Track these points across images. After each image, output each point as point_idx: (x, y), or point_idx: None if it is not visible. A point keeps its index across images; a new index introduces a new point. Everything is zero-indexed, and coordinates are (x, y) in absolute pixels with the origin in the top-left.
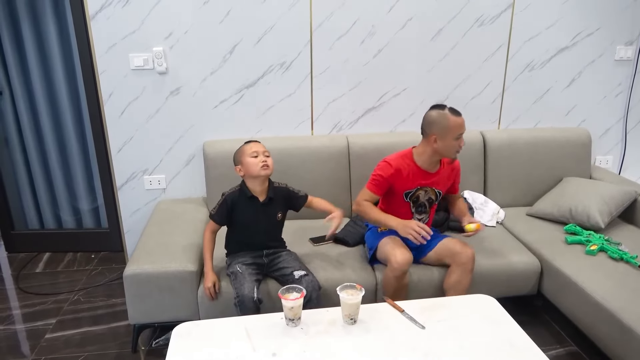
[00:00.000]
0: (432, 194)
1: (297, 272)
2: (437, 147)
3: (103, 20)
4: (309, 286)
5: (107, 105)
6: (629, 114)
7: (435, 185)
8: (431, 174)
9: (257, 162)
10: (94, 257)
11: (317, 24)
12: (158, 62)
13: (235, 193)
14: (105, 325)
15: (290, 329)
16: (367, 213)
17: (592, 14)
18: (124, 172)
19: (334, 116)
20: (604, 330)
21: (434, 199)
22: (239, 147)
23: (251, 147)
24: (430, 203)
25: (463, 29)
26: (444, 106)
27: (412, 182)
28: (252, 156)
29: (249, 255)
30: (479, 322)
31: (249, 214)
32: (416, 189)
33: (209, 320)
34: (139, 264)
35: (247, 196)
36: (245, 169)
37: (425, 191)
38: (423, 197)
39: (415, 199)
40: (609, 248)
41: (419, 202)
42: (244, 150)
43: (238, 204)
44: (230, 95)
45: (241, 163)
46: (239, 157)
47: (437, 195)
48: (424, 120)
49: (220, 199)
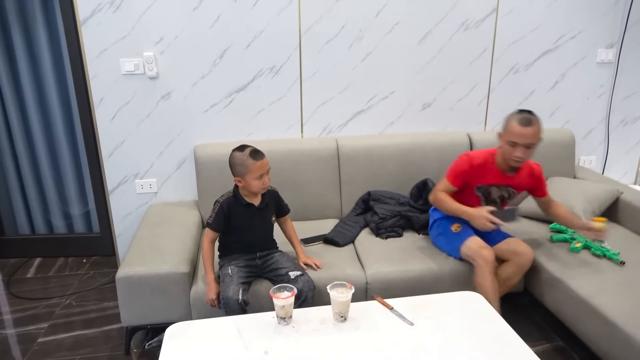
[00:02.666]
0: (505, 192)
1: (292, 273)
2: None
3: (94, 26)
4: (305, 286)
5: (98, 110)
6: (611, 114)
7: (511, 186)
8: (508, 177)
9: (259, 184)
10: (85, 262)
11: (306, 29)
12: (149, 67)
13: (230, 199)
14: (97, 328)
15: (282, 327)
16: (443, 202)
17: (575, 18)
18: (116, 177)
19: (324, 119)
20: (588, 325)
21: (506, 197)
22: (239, 155)
23: (258, 169)
24: (502, 200)
25: (449, 32)
26: (519, 111)
27: (488, 180)
28: (258, 178)
29: (243, 257)
30: (467, 318)
31: (245, 219)
32: (489, 185)
33: (201, 320)
34: (131, 266)
35: (242, 204)
36: (246, 184)
37: (498, 188)
38: (495, 193)
39: (487, 194)
40: (593, 245)
41: (491, 197)
42: (250, 169)
43: (234, 210)
44: (220, 100)
45: (243, 178)
46: (242, 173)
47: (511, 194)
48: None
49: (214, 206)
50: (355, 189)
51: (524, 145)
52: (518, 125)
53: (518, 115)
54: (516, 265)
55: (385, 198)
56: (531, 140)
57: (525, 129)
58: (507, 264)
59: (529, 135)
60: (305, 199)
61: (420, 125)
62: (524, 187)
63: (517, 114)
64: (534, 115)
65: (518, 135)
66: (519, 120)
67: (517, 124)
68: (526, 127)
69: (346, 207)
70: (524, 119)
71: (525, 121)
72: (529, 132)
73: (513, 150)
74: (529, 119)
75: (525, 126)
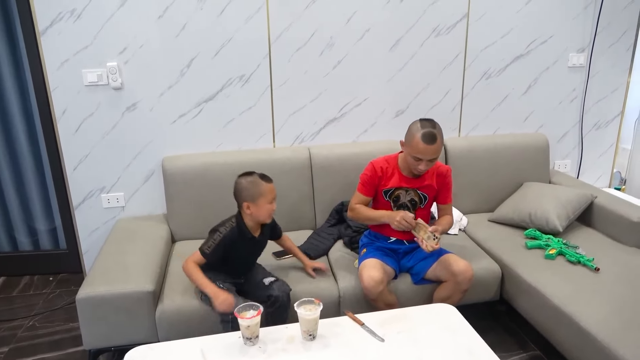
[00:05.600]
0: (415, 196)
1: (266, 280)
2: (403, 155)
3: (54, 36)
4: (280, 290)
5: (61, 123)
6: (583, 118)
7: (419, 188)
8: (413, 179)
9: (271, 210)
10: (52, 280)
11: (275, 36)
12: (112, 78)
13: (233, 232)
14: (62, 351)
15: (248, 348)
16: (360, 213)
17: (545, 23)
18: (81, 191)
19: (296, 128)
20: (563, 334)
21: (417, 202)
22: (249, 179)
23: (271, 191)
24: (414, 205)
25: (420, 38)
26: (422, 123)
27: (394, 183)
28: (270, 202)
29: (228, 277)
30: (438, 331)
31: (244, 251)
32: (394, 188)
33: (163, 343)
34: (92, 286)
35: (248, 237)
36: (257, 211)
37: (406, 191)
38: (404, 197)
39: (395, 199)
40: (567, 252)
41: (400, 202)
42: (263, 192)
43: (235, 243)
44: (189, 110)
45: (255, 203)
46: (254, 197)
47: (422, 199)
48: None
49: (213, 235)
50: (329, 199)
51: (428, 160)
52: (422, 142)
53: (422, 129)
54: (454, 286)
55: None
56: (435, 155)
57: (429, 147)
58: (443, 286)
59: (432, 152)
60: (278, 210)
61: (394, 133)
62: (434, 186)
63: (421, 128)
64: (436, 127)
65: (422, 152)
66: (422, 137)
67: (421, 140)
68: (430, 144)
69: (320, 218)
70: (427, 136)
71: (429, 138)
72: (433, 149)
73: (417, 164)
74: (433, 135)
75: (430, 144)
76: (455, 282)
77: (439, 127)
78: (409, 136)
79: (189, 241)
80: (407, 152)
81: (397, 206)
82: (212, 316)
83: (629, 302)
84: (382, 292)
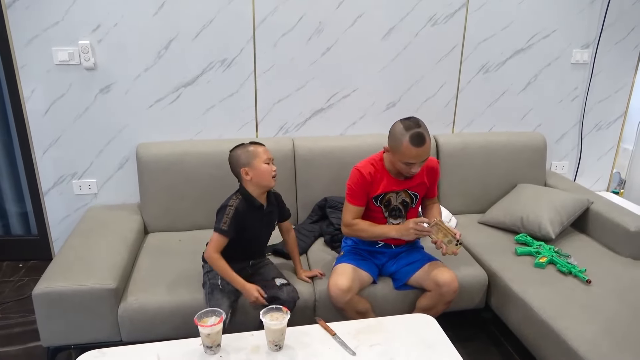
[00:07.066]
0: (407, 197)
1: (278, 280)
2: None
3: (22, 9)
4: (288, 296)
5: (29, 103)
6: (584, 118)
7: (409, 188)
8: (403, 181)
9: (270, 171)
10: (21, 267)
11: (260, 19)
12: (85, 57)
13: (241, 203)
14: (20, 345)
15: (208, 357)
16: (362, 231)
17: (548, 16)
18: (51, 176)
19: (280, 118)
20: (549, 350)
21: (409, 202)
22: (241, 147)
23: (265, 152)
24: (406, 207)
25: (416, 28)
26: (405, 124)
27: (382, 188)
28: (266, 162)
29: (235, 266)
30: (414, 345)
31: (255, 224)
32: (385, 193)
33: (117, 348)
34: (50, 282)
35: (256, 205)
36: (257, 174)
37: (397, 194)
38: (395, 200)
39: (386, 203)
40: (559, 261)
41: (391, 206)
42: (256, 153)
43: (246, 214)
44: (166, 94)
45: (251, 166)
46: (249, 160)
47: (413, 198)
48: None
49: (225, 211)
50: (312, 194)
51: (421, 162)
52: (412, 147)
53: (408, 132)
54: (437, 297)
55: (342, 205)
56: (427, 155)
57: (420, 149)
58: (427, 296)
59: (424, 153)
60: None
61: (384, 126)
62: (426, 183)
63: (406, 131)
64: (421, 125)
65: (415, 157)
66: (411, 141)
67: (410, 145)
68: (421, 146)
69: (302, 214)
70: (416, 138)
71: (418, 140)
72: (424, 150)
73: (410, 167)
74: (421, 137)
75: (420, 146)
76: (439, 293)
77: (423, 124)
78: (395, 142)
79: (163, 233)
80: (396, 159)
81: (388, 210)
82: (176, 315)
83: (620, 321)
84: (350, 301)
